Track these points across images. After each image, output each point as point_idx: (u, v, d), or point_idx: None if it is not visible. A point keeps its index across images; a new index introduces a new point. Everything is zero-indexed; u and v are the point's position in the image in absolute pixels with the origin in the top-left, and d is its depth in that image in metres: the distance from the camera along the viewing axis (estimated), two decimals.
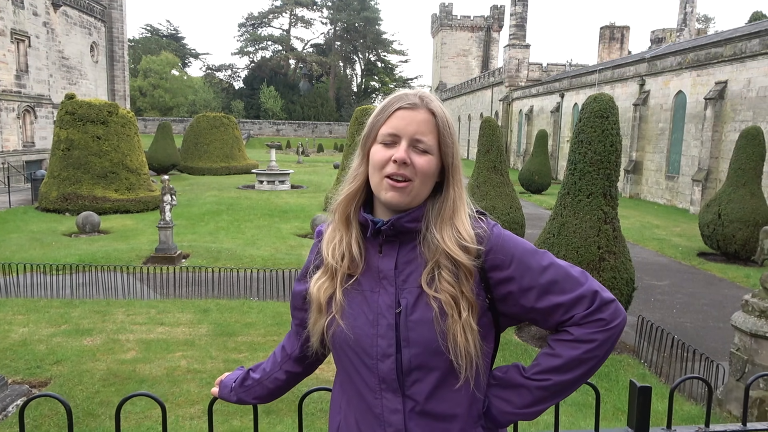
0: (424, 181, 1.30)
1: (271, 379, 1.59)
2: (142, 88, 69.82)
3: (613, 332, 1.27)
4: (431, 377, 1.29)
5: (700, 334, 7.77)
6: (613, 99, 6.95)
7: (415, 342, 1.28)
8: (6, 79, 28.39)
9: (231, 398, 1.62)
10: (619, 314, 1.28)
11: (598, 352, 1.27)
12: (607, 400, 5.53)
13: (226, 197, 20.52)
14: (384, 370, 1.30)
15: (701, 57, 20.65)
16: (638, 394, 1.54)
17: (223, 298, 8.94)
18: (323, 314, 1.37)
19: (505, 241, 1.33)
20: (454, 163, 1.34)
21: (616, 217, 6.80)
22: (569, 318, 1.28)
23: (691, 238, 14.61)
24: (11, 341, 6.80)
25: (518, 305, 1.32)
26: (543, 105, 36.78)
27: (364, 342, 1.32)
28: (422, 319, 1.28)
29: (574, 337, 1.27)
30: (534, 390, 1.30)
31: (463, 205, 1.35)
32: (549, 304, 1.29)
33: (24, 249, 11.97)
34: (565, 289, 1.29)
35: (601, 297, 1.28)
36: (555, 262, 1.32)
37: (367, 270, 1.36)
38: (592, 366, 1.29)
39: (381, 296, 1.33)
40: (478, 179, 11.35)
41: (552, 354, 1.30)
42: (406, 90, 1.37)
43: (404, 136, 1.30)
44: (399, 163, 1.28)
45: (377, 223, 1.33)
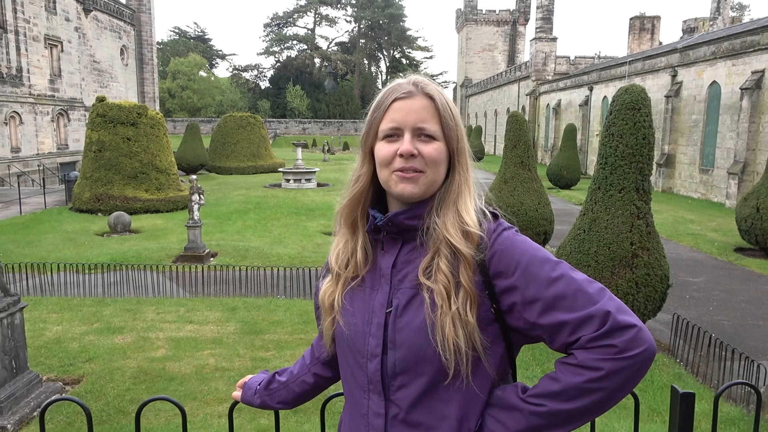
0: (435, 169, 1.23)
1: (299, 382, 1.55)
2: (171, 89, 70.99)
3: (628, 363, 1.09)
4: (417, 384, 1.21)
5: (739, 333, 7.52)
6: (645, 90, 6.75)
7: (401, 345, 1.22)
8: (40, 83, 29.15)
9: (254, 402, 1.58)
10: (638, 343, 1.09)
11: (606, 383, 1.10)
12: (642, 401, 5.37)
13: (253, 196, 20.70)
14: (371, 371, 1.26)
15: (736, 46, 20.02)
16: (680, 400, 1.44)
17: (250, 296, 8.99)
18: (328, 316, 1.35)
19: (513, 246, 1.21)
20: (459, 146, 1.26)
21: (649, 212, 6.60)
22: (576, 340, 1.13)
23: (727, 233, 14.17)
24: (46, 339, 6.94)
25: (522, 319, 1.19)
26: (571, 99, 36.19)
27: (357, 340, 1.28)
28: (411, 321, 1.21)
29: (578, 362, 1.12)
30: (527, 415, 1.16)
31: (468, 191, 1.27)
32: (554, 321, 1.14)
33: (58, 249, 12.24)
34: (575, 306, 1.13)
35: (614, 319, 1.10)
36: (567, 275, 1.17)
37: (372, 267, 1.31)
38: (600, 398, 1.11)
39: (377, 294, 1.28)
40: (505, 175, 11.19)
41: (553, 378, 1.16)
42: (399, 80, 1.29)
43: (406, 127, 1.23)
44: (406, 156, 1.21)
45: (376, 218, 1.28)
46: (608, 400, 1.13)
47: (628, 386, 1.12)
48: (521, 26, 67.29)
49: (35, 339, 6.84)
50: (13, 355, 5.38)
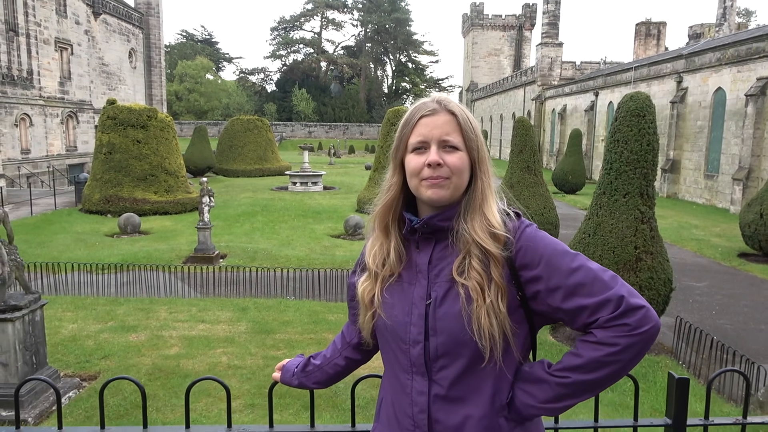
0: (459, 176, 1.41)
1: (332, 365, 1.72)
2: (178, 92, 71.42)
3: (640, 338, 1.28)
4: (457, 364, 1.39)
5: (741, 336, 7.62)
6: (650, 97, 6.89)
7: (441, 331, 1.39)
8: (50, 86, 29.46)
9: (293, 382, 1.75)
10: (647, 321, 1.28)
11: (622, 356, 1.28)
12: (645, 401, 5.50)
13: (260, 198, 20.88)
14: (414, 355, 1.42)
15: (742, 52, 20.11)
16: (676, 385, 1.59)
17: (260, 297, 9.15)
18: (368, 311, 1.51)
19: (536, 241, 1.39)
20: (480, 155, 1.43)
21: (653, 216, 6.73)
22: (595, 320, 1.31)
23: (731, 238, 14.26)
24: (62, 336, 7.12)
25: (546, 304, 1.38)
26: (576, 104, 36.28)
27: (399, 329, 1.45)
28: (449, 311, 1.39)
29: (597, 339, 1.30)
30: (554, 386, 1.35)
31: (492, 195, 1.44)
32: (575, 305, 1.33)
33: (70, 249, 12.43)
34: (593, 291, 1.32)
35: (627, 302, 1.29)
36: (585, 265, 1.35)
37: (408, 264, 1.48)
38: (616, 369, 1.30)
39: (416, 288, 1.45)
40: (511, 179, 11.33)
41: (575, 354, 1.34)
42: (424, 99, 1.48)
43: (432, 141, 1.41)
44: (433, 165, 1.39)
45: (413, 221, 1.45)
46: (622, 371, 1.32)
47: (638, 357, 1.31)
48: (527, 31, 67.43)
49: (52, 336, 7.01)
50: (33, 351, 5.56)
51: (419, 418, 1.42)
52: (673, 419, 1.63)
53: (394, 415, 1.48)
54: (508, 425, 1.40)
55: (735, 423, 1.63)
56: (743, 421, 1.64)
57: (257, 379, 5.92)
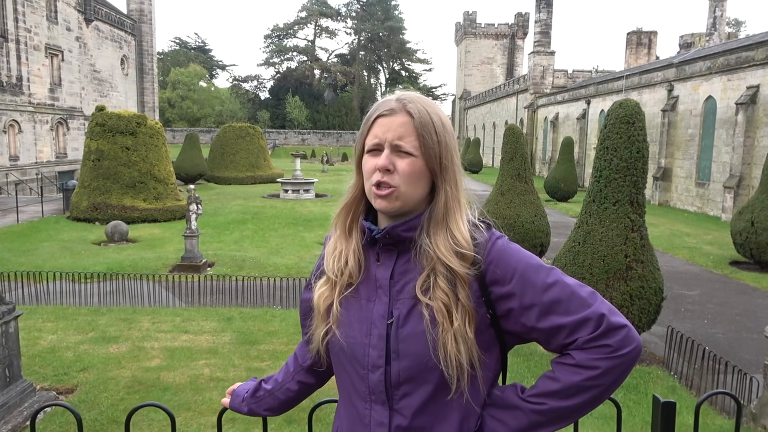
0: (409, 184, 1.26)
1: (283, 390, 1.57)
2: (171, 99, 71.26)
3: (621, 361, 1.17)
4: (421, 392, 1.25)
5: (733, 346, 7.53)
6: (640, 105, 6.82)
7: (405, 354, 1.25)
8: (40, 92, 29.25)
9: (242, 409, 1.60)
10: (629, 342, 1.18)
11: (602, 380, 1.17)
12: (636, 413, 5.38)
13: (251, 206, 20.72)
14: (374, 381, 1.28)
15: (732, 61, 20.20)
16: (662, 410, 1.47)
17: (246, 306, 8.99)
18: (322, 322, 1.37)
19: (508, 255, 1.26)
20: (442, 163, 1.28)
21: (643, 224, 6.64)
22: (573, 341, 1.19)
23: (722, 246, 14.22)
24: (40, 348, 6.93)
25: (519, 323, 1.25)
26: (569, 112, 36.40)
27: (357, 351, 1.30)
28: (414, 331, 1.25)
29: (576, 362, 1.19)
30: (528, 413, 1.22)
31: (459, 208, 1.30)
32: (551, 324, 1.21)
33: (55, 257, 12.23)
34: (570, 309, 1.20)
35: (608, 321, 1.18)
36: (561, 280, 1.23)
37: (366, 278, 1.34)
38: (596, 394, 1.19)
39: (376, 305, 1.30)
40: (502, 187, 11.24)
41: (551, 377, 1.22)
42: (389, 96, 1.34)
43: (385, 143, 1.28)
44: (381, 170, 1.26)
45: (373, 231, 1.31)
46: (601, 396, 1.20)
47: (620, 381, 1.19)
48: (520, 40, 67.80)
49: (30, 348, 6.83)
50: (6, 364, 5.38)
51: None
52: None
53: None
54: None
55: None
56: None
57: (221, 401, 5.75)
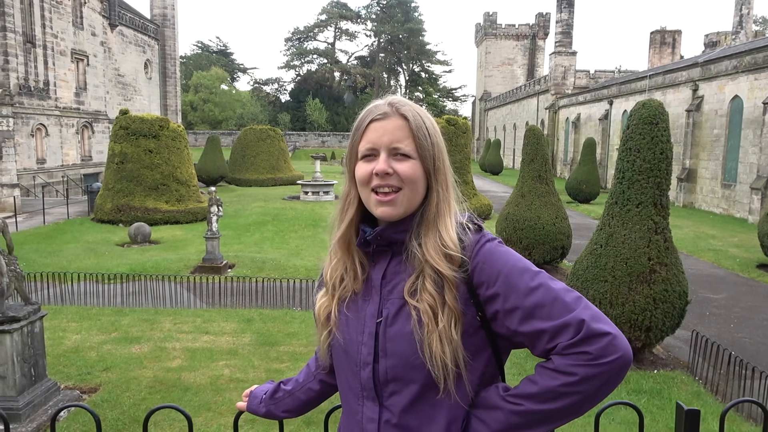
0: (412, 187, 1.27)
1: (305, 390, 1.58)
2: (193, 102, 72.14)
3: (602, 369, 1.13)
4: (409, 390, 1.26)
5: (760, 351, 7.36)
6: (663, 105, 6.70)
7: (392, 353, 1.26)
8: (66, 96, 29.84)
9: (259, 410, 1.61)
10: (612, 350, 1.13)
11: (581, 387, 1.14)
12: (659, 419, 5.28)
13: (271, 208, 20.86)
14: (364, 378, 1.30)
15: (759, 60, 19.78)
16: (686, 418, 1.43)
17: (266, 307, 9.04)
18: (324, 329, 1.40)
19: (494, 257, 1.25)
20: (435, 164, 1.29)
21: (667, 227, 6.52)
22: (554, 347, 1.18)
23: (749, 249, 13.91)
24: (65, 348, 7.05)
25: (504, 326, 1.24)
26: (590, 113, 35.98)
27: (351, 348, 1.33)
28: (401, 331, 1.26)
29: (554, 367, 1.17)
30: (507, 413, 1.21)
31: (448, 210, 1.30)
32: (533, 329, 1.19)
33: (79, 258, 12.45)
34: (552, 314, 1.18)
35: (588, 327, 1.15)
36: (546, 284, 1.21)
37: (365, 279, 1.36)
38: (576, 401, 1.16)
39: (369, 305, 1.33)
40: (522, 189, 11.15)
41: (531, 380, 1.21)
42: (377, 101, 1.34)
43: (381, 147, 1.28)
44: (381, 174, 1.26)
45: (366, 232, 1.32)
46: (584, 403, 1.17)
47: (604, 391, 1.16)
48: (540, 40, 67.25)
49: (54, 347, 6.95)
50: (32, 363, 5.48)
51: None
52: None
53: None
54: None
55: None
56: None
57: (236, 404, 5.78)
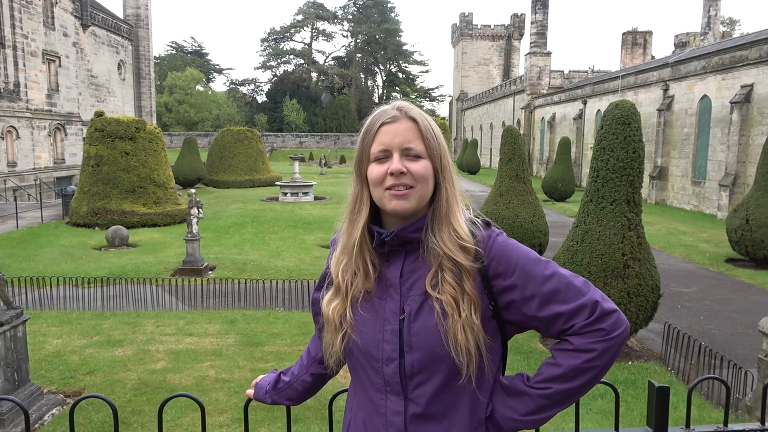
0: (423, 185, 1.36)
1: (299, 382, 1.68)
2: (168, 103, 71.27)
3: (614, 342, 1.29)
4: (434, 381, 1.35)
5: (729, 342, 7.65)
6: (635, 105, 6.94)
7: (417, 347, 1.35)
8: (38, 98, 29.30)
9: (266, 400, 1.71)
10: (620, 324, 1.30)
11: (599, 361, 1.29)
12: (634, 408, 5.49)
13: (250, 209, 20.80)
14: (389, 374, 1.37)
15: (726, 60, 20.36)
16: (657, 394, 1.57)
17: (249, 308, 9.08)
18: (338, 332, 1.44)
19: (508, 250, 1.37)
20: (443, 163, 1.39)
21: (640, 223, 6.76)
22: (570, 327, 1.31)
23: (718, 244, 14.35)
24: (46, 352, 7.01)
25: (521, 313, 1.36)
26: (565, 112, 36.55)
27: (371, 346, 1.40)
28: (425, 325, 1.35)
29: (574, 347, 1.30)
30: (536, 398, 1.33)
31: (457, 204, 1.39)
32: (550, 313, 1.32)
33: (56, 263, 12.30)
34: (567, 298, 1.31)
35: (602, 307, 1.30)
36: (558, 272, 1.35)
37: (377, 279, 1.43)
38: (594, 375, 1.31)
39: (387, 303, 1.40)
40: (500, 188, 11.35)
41: (553, 363, 1.33)
42: (384, 106, 1.43)
43: (394, 148, 1.36)
44: (396, 174, 1.34)
45: (382, 234, 1.39)
46: (597, 376, 1.32)
47: (611, 362, 1.32)
48: (516, 41, 68.00)
49: (35, 352, 6.91)
50: (15, 368, 5.46)
51: None
52: (654, 427, 1.61)
53: None
54: None
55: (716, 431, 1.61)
56: (724, 429, 1.62)
57: (245, 392, 5.84)
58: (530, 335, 7.49)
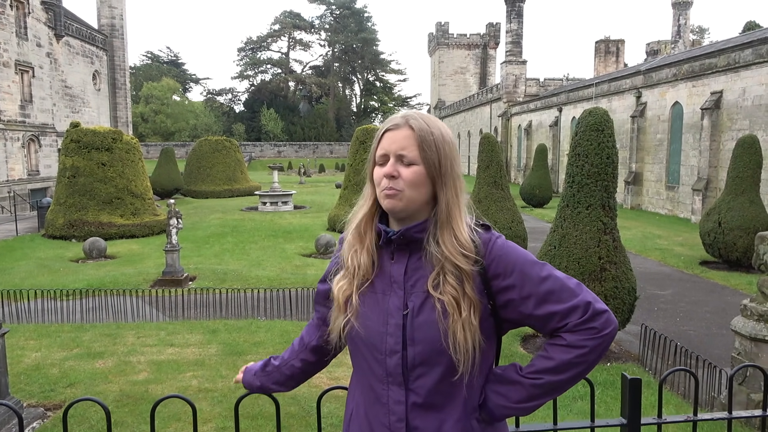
0: (413, 189, 1.46)
1: (288, 366, 1.76)
2: (144, 114, 70.53)
3: (604, 340, 1.40)
4: (433, 373, 1.45)
5: (704, 342, 7.85)
6: (608, 112, 7.12)
7: (419, 341, 1.44)
8: (11, 109, 28.80)
9: (254, 383, 1.77)
10: (610, 323, 1.41)
11: (589, 357, 1.40)
12: (613, 409, 5.61)
13: (230, 219, 20.69)
14: (391, 365, 1.47)
15: (696, 68, 20.91)
16: (629, 385, 1.66)
17: (230, 318, 9.05)
18: (342, 313, 1.55)
19: (508, 252, 1.48)
20: (441, 171, 1.48)
21: (615, 227, 6.92)
22: (564, 325, 1.42)
23: (693, 247, 14.69)
24: (25, 366, 6.91)
25: (517, 312, 1.47)
26: (541, 119, 37.08)
27: (374, 339, 1.49)
28: (427, 320, 1.44)
29: (567, 343, 1.41)
30: (528, 387, 1.45)
31: (459, 211, 1.49)
32: (546, 312, 1.43)
33: (33, 276, 12.11)
34: (562, 298, 1.42)
35: (594, 307, 1.41)
36: (553, 274, 1.46)
37: (381, 274, 1.53)
38: (583, 369, 1.42)
39: (391, 299, 1.49)
40: (479, 194, 11.50)
41: (546, 356, 1.45)
42: (396, 114, 1.56)
43: (391, 154, 1.48)
44: (387, 177, 1.46)
45: (389, 232, 1.50)
46: (586, 370, 1.44)
47: (599, 358, 1.43)
48: (492, 50, 68.83)
49: (14, 366, 6.80)
50: None
51: (397, 426, 1.47)
52: (628, 419, 1.70)
53: (368, 425, 1.52)
54: (479, 426, 1.48)
55: (686, 420, 1.71)
56: (694, 418, 1.72)
57: (228, 401, 5.84)
58: (511, 339, 7.60)
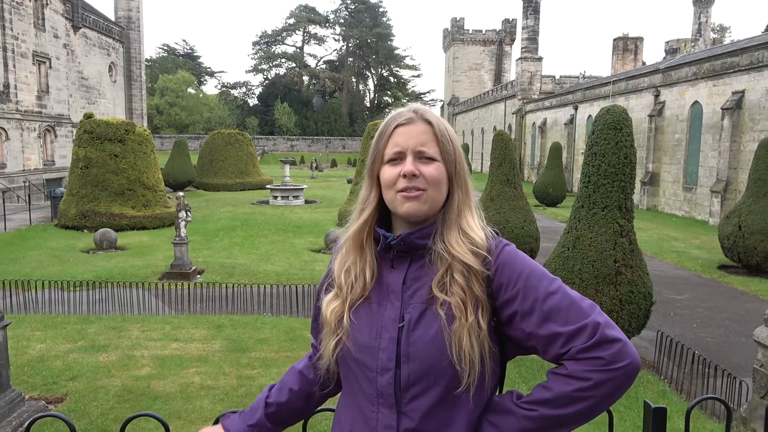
0: (436, 188, 1.32)
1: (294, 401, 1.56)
2: (159, 106, 70.91)
3: (614, 375, 1.17)
4: (430, 395, 1.27)
5: (722, 350, 7.61)
6: (627, 110, 6.89)
7: (414, 358, 1.27)
8: (28, 99, 29.02)
9: None
10: (623, 356, 1.18)
11: (595, 392, 1.18)
12: (627, 418, 5.41)
13: (240, 213, 20.65)
14: (382, 384, 1.30)
15: (717, 67, 20.47)
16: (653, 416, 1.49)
17: (236, 313, 8.95)
18: (333, 334, 1.38)
19: (515, 260, 1.31)
20: (456, 168, 1.35)
21: (632, 230, 6.70)
22: (567, 351, 1.21)
23: (711, 250, 14.37)
24: (29, 357, 6.86)
25: (519, 329, 1.28)
26: (556, 117, 36.67)
27: (366, 355, 1.32)
28: (424, 335, 1.28)
29: (568, 372, 1.20)
30: (520, 419, 1.24)
31: (470, 210, 1.35)
32: (549, 332, 1.23)
33: (43, 266, 12.12)
34: (568, 319, 1.22)
35: (603, 333, 1.19)
36: (563, 290, 1.26)
37: (377, 284, 1.37)
38: (590, 405, 1.19)
39: (387, 310, 1.33)
40: (491, 193, 11.30)
41: (545, 386, 1.24)
42: (400, 109, 1.39)
43: (407, 150, 1.32)
44: (408, 176, 1.29)
45: (388, 237, 1.34)
46: (596, 408, 1.20)
47: (616, 395, 1.20)
48: (507, 46, 68.25)
49: (18, 357, 6.75)
50: None
51: None
52: None
53: None
54: None
55: None
56: None
57: (230, 399, 5.73)
58: None
